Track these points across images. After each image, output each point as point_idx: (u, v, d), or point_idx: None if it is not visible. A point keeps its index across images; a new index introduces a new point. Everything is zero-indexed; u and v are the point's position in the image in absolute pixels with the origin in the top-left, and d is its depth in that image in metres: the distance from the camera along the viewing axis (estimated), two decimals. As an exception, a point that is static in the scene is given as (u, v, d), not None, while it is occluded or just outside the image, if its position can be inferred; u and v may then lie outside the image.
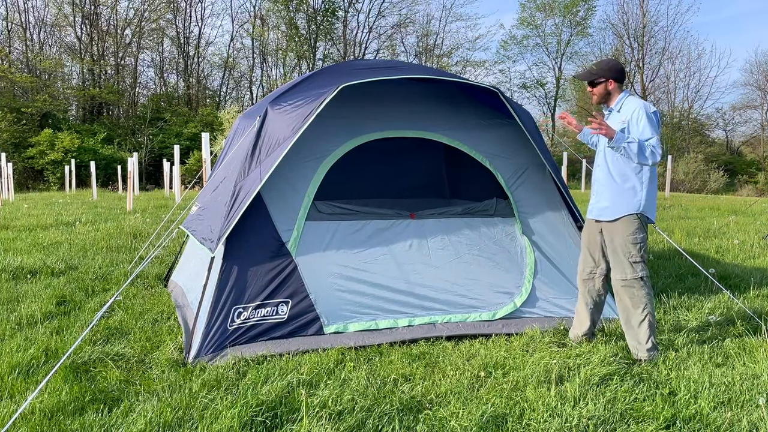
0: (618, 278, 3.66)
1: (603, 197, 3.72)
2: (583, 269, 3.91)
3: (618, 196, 3.64)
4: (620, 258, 3.64)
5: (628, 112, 3.62)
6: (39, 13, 37.23)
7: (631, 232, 3.60)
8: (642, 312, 3.61)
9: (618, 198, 3.64)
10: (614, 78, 3.72)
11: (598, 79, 3.72)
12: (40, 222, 10.65)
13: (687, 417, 2.86)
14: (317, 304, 3.87)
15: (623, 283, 3.64)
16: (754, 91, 41.70)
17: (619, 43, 42.46)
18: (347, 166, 4.80)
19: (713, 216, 12.71)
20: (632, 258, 3.60)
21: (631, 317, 3.64)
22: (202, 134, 10.92)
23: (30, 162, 29.95)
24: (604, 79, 3.71)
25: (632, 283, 3.61)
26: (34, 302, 4.83)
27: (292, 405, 2.92)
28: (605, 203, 3.70)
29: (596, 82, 3.74)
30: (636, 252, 3.60)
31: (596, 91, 3.76)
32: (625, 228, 3.62)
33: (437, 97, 4.77)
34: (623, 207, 3.63)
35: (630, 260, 3.60)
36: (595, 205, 3.79)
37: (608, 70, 3.72)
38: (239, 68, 42.41)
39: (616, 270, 3.67)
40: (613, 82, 3.71)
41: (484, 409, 2.86)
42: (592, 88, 3.77)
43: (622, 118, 3.63)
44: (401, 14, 43.22)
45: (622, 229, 3.62)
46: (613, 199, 3.65)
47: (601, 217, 3.73)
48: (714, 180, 30.57)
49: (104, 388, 3.14)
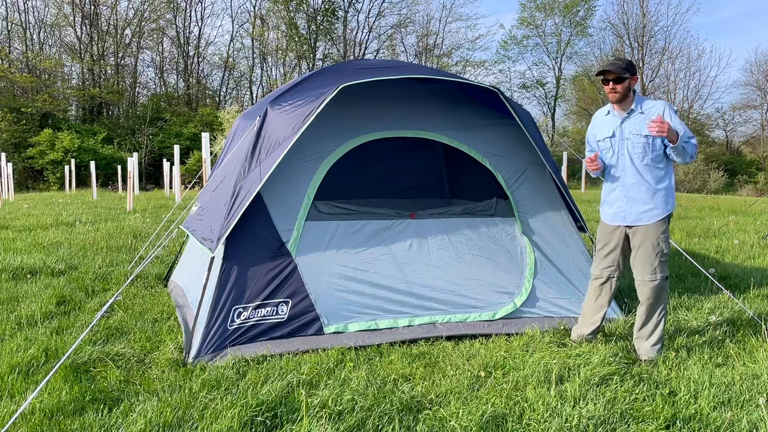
0: (648, 279, 3.59)
1: (638, 202, 3.61)
2: (601, 273, 3.81)
3: (657, 199, 3.59)
4: (651, 258, 3.59)
5: (655, 113, 3.52)
6: (39, 13, 37.29)
7: (663, 231, 3.60)
8: (662, 311, 3.63)
9: (657, 201, 3.59)
10: (635, 76, 3.58)
11: (626, 74, 3.51)
12: (40, 222, 10.65)
13: (687, 417, 2.86)
14: (317, 304, 3.87)
15: (655, 284, 3.58)
16: (754, 91, 41.74)
17: (619, 43, 42.47)
18: (347, 166, 4.81)
19: (713, 216, 12.71)
20: (663, 257, 3.60)
21: (653, 316, 3.62)
22: (202, 134, 10.92)
23: (30, 162, 29.95)
24: (630, 75, 3.53)
25: (662, 284, 3.60)
26: (34, 302, 4.83)
27: (292, 405, 2.92)
28: (643, 207, 3.60)
29: (624, 77, 3.52)
30: (667, 249, 3.61)
31: (621, 87, 3.53)
32: (659, 228, 3.60)
33: (437, 97, 4.77)
34: (662, 209, 3.60)
35: (662, 259, 3.59)
36: (629, 210, 3.64)
37: (632, 67, 3.56)
38: (239, 68, 42.45)
39: (646, 270, 3.60)
40: (636, 79, 3.60)
41: (484, 409, 2.86)
42: (615, 84, 3.53)
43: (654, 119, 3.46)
44: (401, 14, 43.29)
45: (657, 229, 3.59)
46: (653, 202, 3.59)
47: (639, 221, 3.62)
48: (714, 180, 30.57)
49: (104, 388, 3.14)
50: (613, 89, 3.56)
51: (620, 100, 3.59)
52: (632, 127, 3.59)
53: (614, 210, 3.72)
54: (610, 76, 3.54)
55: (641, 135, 3.55)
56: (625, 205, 3.66)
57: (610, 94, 3.59)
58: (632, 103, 3.61)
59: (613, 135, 3.67)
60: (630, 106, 3.61)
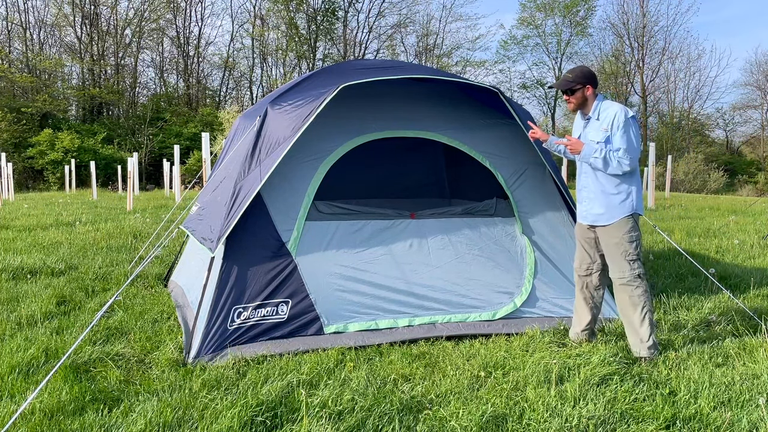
0: (616, 277, 3.68)
1: (595, 204, 3.73)
2: (580, 265, 3.93)
3: (611, 202, 3.66)
4: (617, 257, 3.66)
5: (609, 119, 3.63)
6: (39, 13, 37.31)
7: (626, 231, 3.64)
8: (642, 310, 3.63)
9: (611, 204, 3.66)
10: (591, 84, 3.72)
11: (576, 86, 3.71)
12: (40, 222, 10.65)
13: (687, 417, 2.86)
14: (317, 304, 3.87)
15: (622, 282, 3.66)
16: (754, 91, 41.76)
17: (619, 43, 42.51)
18: (347, 166, 4.80)
19: (713, 216, 12.70)
20: (629, 256, 3.63)
21: (632, 315, 3.65)
22: (202, 134, 10.93)
23: (30, 162, 29.97)
24: (582, 85, 3.71)
25: (631, 282, 3.63)
26: (34, 302, 4.83)
27: (292, 405, 2.92)
28: (599, 210, 3.71)
29: (574, 89, 3.72)
30: (632, 249, 3.64)
31: (574, 98, 3.74)
32: (620, 229, 3.65)
33: (437, 97, 4.77)
34: (618, 211, 3.65)
35: (627, 258, 3.63)
36: (588, 212, 3.78)
37: (584, 76, 3.72)
38: (239, 68, 42.46)
39: (614, 269, 3.69)
40: (590, 88, 3.73)
41: (484, 409, 2.86)
42: (569, 96, 3.76)
43: (604, 126, 3.63)
44: (401, 14, 43.30)
45: (617, 230, 3.65)
46: (607, 205, 3.67)
47: (596, 222, 3.74)
48: (714, 180, 30.58)
49: (104, 388, 3.14)
50: (567, 100, 3.81)
51: (576, 108, 3.81)
52: (590, 134, 3.73)
53: (580, 208, 3.89)
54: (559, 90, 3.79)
55: (594, 141, 3.66)
56: (587, 205, 3.81)
57: (567, 105, 3.83)
58: (591, 110, 3.76)
59: (579, 137, 3.83)
60: (589, 112, 3.77)
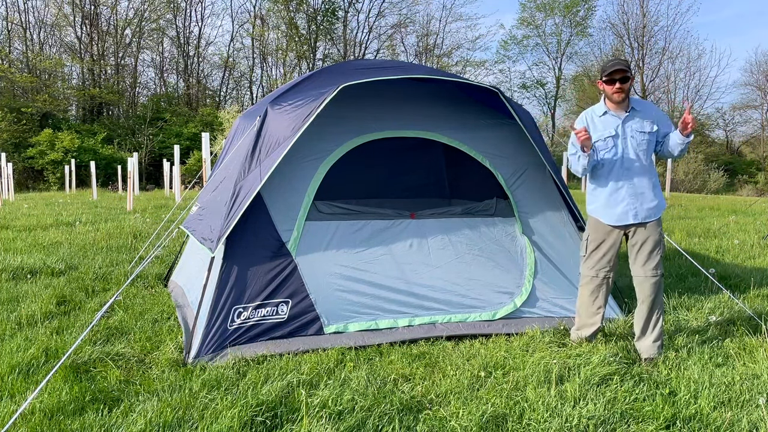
0: (650, 275, 3.61)
1: (647, 198, 3.63)
2: (597, 274, 3.77)
3: (658, 194, 3.68)
4: (654, 255, 3.63)
5: (651, 112, 3.67)
6: (39, 13, 37.28)
7: (661, 226, 3.69)
8: (661, 308, 3.66)
9: (659, 195, 3.69)
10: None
11: (630, 73, 3.58)
12: (40, 222, 10.65)
13: (687, 417, 2.86)
14: (317, 304, 3.87)
15: (656, 277, 3.61)
16: (754, 91, 41.73)
17: (619, 43, 42.47)
18: (347, 166, 4.80)
19: (713, 216, 12.71)
20: (662, 252, 3.67)
21: (653, 314, 3.64)
22: (202, 134, 10.93)
23: (30, 162, 29.96)
24: (631, 76, 3.63)
25: (661, 280, 3.64)
26: (34, 302, 4.83)
27: (292, 405, 2.92)
28: (651, 203, 3.64)
29: (629, 76, 3.57)
30: (665, 244, 3.68)
31: (626, 87, 3.58)
32: (660, 223, 3.68)
33: (437, 97, 4.76)
34: (662, 202, 3.70)
35: (661, 254, 3.65)
36: (640, 208, 3.61)
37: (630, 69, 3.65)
38: (239, 68, 42.47)
39: (650, 267, 3.61)
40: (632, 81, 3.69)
41: (484, 409, 2.86)
42: (623, 84, 3.56)
43: (650, 119, 3.64)
44: (401, 14, 43.29)
45: (660, 224, 3.68)
46: (657, 197, 3.67)
47: (650, 217, 3.63)
48: (714, 180, 30.57)
49: (104, 388, 3.14)
50: (620, 89, 3.57)
51: (625, 99, 3.63)
52: (636, 125, 3.64)
53: (621, 209, 3.64)
54: (620, 75, 3.56)
55: (645, 132, 3.63)
56: (636, 202, 3.63)
57: (616, 94, 3.59)
58: (628, 102, 3.66)
59: (616, 134, 3.64)
60: (629, 105, 3.66)
